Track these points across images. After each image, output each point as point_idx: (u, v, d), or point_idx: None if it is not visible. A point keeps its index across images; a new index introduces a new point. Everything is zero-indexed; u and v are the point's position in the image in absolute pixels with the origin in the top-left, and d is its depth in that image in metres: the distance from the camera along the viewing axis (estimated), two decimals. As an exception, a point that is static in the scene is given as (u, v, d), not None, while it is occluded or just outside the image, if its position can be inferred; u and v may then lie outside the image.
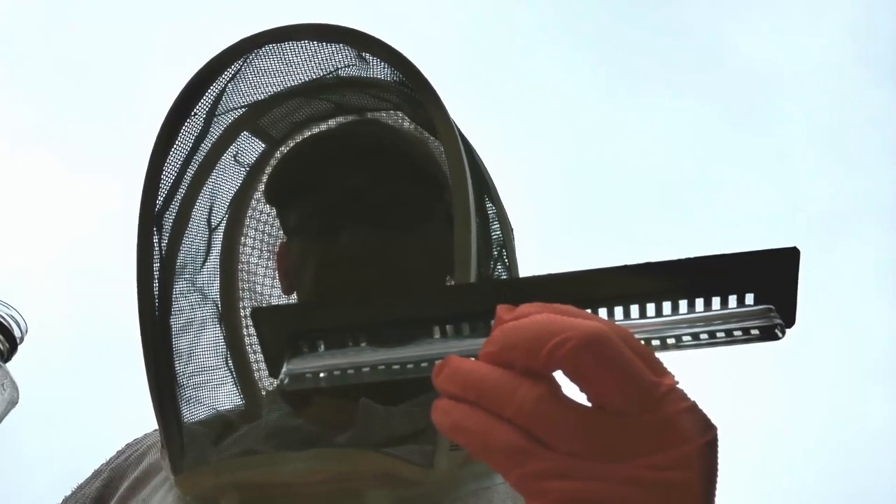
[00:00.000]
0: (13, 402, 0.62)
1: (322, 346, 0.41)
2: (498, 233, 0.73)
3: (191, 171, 0.74)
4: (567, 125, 3.36)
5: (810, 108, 3.30)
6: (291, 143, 0.82)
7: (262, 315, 0.43)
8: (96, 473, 0.77)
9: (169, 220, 0.72)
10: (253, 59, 0.71)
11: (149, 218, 0.69)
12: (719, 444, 0.33)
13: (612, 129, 3.38)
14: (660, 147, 3.35)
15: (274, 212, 0.84)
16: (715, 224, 3.18)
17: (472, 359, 0.35)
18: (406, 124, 0.81)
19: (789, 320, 0.39)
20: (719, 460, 0.33)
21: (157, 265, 0.70)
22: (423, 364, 0.39)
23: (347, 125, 0.81)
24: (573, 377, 0.32)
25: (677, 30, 3.41)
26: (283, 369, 0.41)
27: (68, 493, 0.76)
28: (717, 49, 3.40)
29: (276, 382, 0.77)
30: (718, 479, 0.33)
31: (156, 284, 0.70)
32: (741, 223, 3.10)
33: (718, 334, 0.38)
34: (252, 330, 0.80)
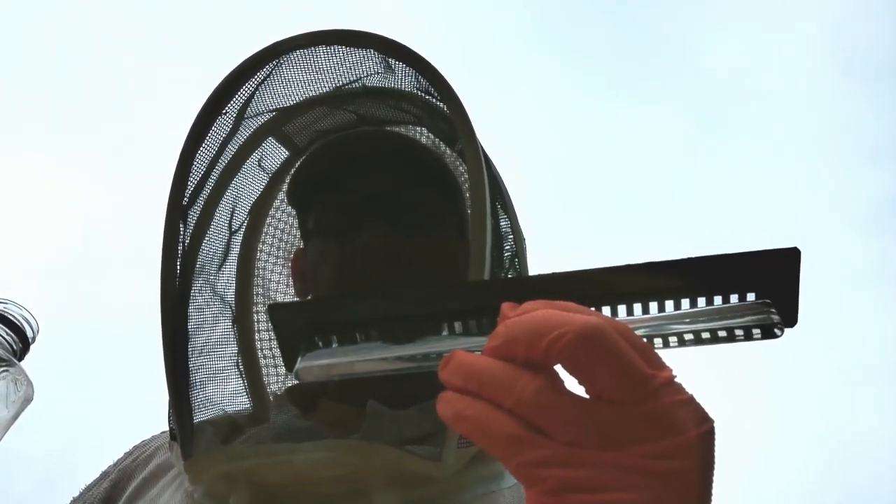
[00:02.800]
0: (28, 400, 0.63)
1: (335, 342, 0.42)
2: (511, 242, 0.74)
3: (217, 170, 0.75)
4: (563, 124, 3.38)
5: (791, 109, 3.32)
6: (314, 149, 0.83)
7: (279, 310, 0.44)
8: (104, 475, 0.77)
9: (193, 214, 0.74)
10: (283, 62, 0.73)
11: (176, 208, 0.71)
12: (716, 436, 0.34)
13: (603, 131, 3.40)
14: (645, 149, 3.37)
15: (292, 219, 0.85)
16: (706, 226, 3.19)
17: (478, 353, 0.36)
18: (428, 135, 0.82)
19: (791, 320, 0.39)
20: (715, 452, 0.33)
21: (179, 257, 0.71)
22: (433, 358, 0.40)
23: (372, 130, 0.83)
24: (571, 369, 0.33)
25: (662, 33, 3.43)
26: (298, 363, 0.42)
27: (76, 493, 0.77)
28: (694, 53, 3.42)
29: (291, 376, 0.78)
30: (715, 470, 0.33)
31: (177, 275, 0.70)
32: (734, 225, 3.11)
33: (719, 333, 0.38)
34: (263, 333, 0.81)
